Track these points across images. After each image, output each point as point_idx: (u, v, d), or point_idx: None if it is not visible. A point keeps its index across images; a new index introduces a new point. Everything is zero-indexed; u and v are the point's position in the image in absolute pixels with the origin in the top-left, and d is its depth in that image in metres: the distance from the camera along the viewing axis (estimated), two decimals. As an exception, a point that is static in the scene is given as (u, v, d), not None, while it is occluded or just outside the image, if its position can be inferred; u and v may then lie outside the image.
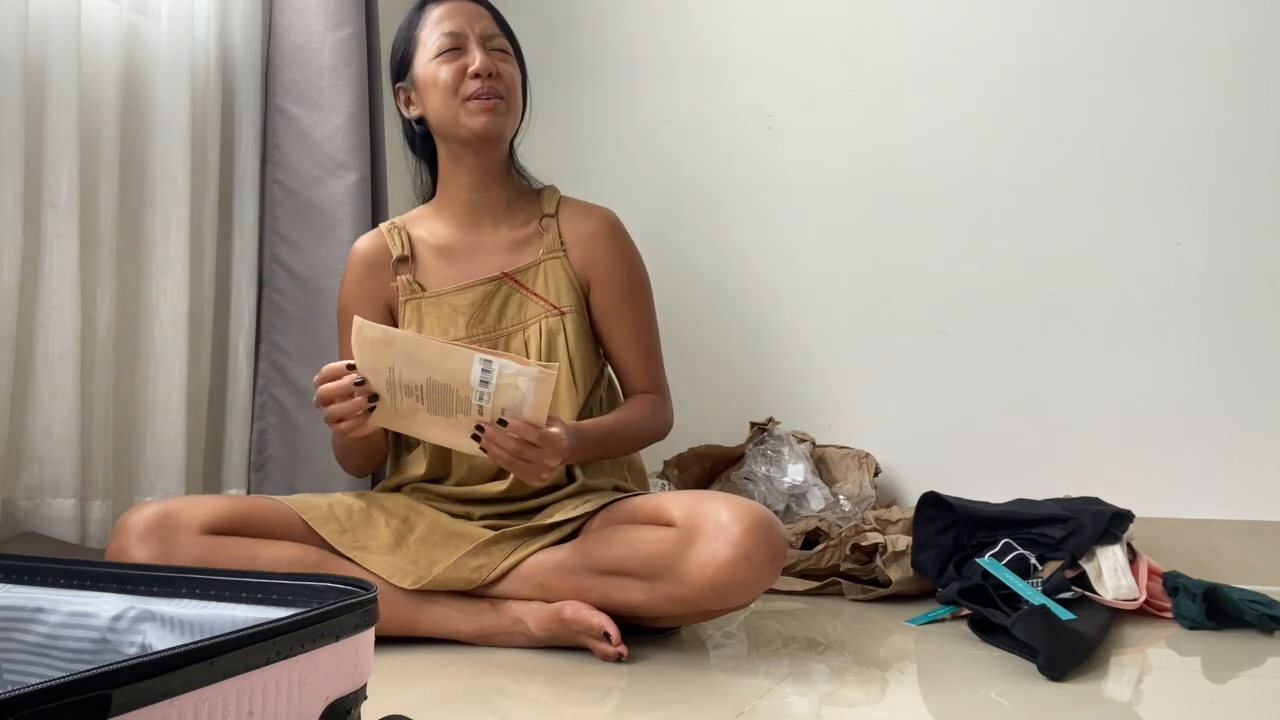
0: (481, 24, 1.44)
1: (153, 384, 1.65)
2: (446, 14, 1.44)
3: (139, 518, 1.21)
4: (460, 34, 1.42)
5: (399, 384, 1.20)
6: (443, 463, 1.42)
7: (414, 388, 1.19)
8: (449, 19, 1.43)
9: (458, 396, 1.18)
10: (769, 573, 1.19)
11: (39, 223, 1.48)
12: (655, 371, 1.51)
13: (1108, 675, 1.19)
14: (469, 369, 1.16)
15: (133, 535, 1.19)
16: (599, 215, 1.50)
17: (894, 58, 2.11)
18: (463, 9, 1.44)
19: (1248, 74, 1.86)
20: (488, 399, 1.18)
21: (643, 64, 2.33)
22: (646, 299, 1.51)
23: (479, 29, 1.43)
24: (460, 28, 1.42)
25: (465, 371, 1.16)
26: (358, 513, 1.34)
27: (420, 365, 1.17)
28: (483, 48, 1.42)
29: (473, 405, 1.18)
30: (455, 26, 1.42)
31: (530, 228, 1.48)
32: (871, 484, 1.96)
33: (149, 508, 1.22)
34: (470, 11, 1.44)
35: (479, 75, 1.39)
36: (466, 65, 1.40)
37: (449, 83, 1.40)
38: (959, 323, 2.04)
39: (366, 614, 0.60)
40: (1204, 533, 1.82)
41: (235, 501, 1.27)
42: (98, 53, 1.58)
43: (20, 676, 0.71)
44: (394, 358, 1.18)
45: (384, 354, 1.18)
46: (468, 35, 1.42)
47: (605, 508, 1.32)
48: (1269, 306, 1.83)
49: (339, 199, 1.85)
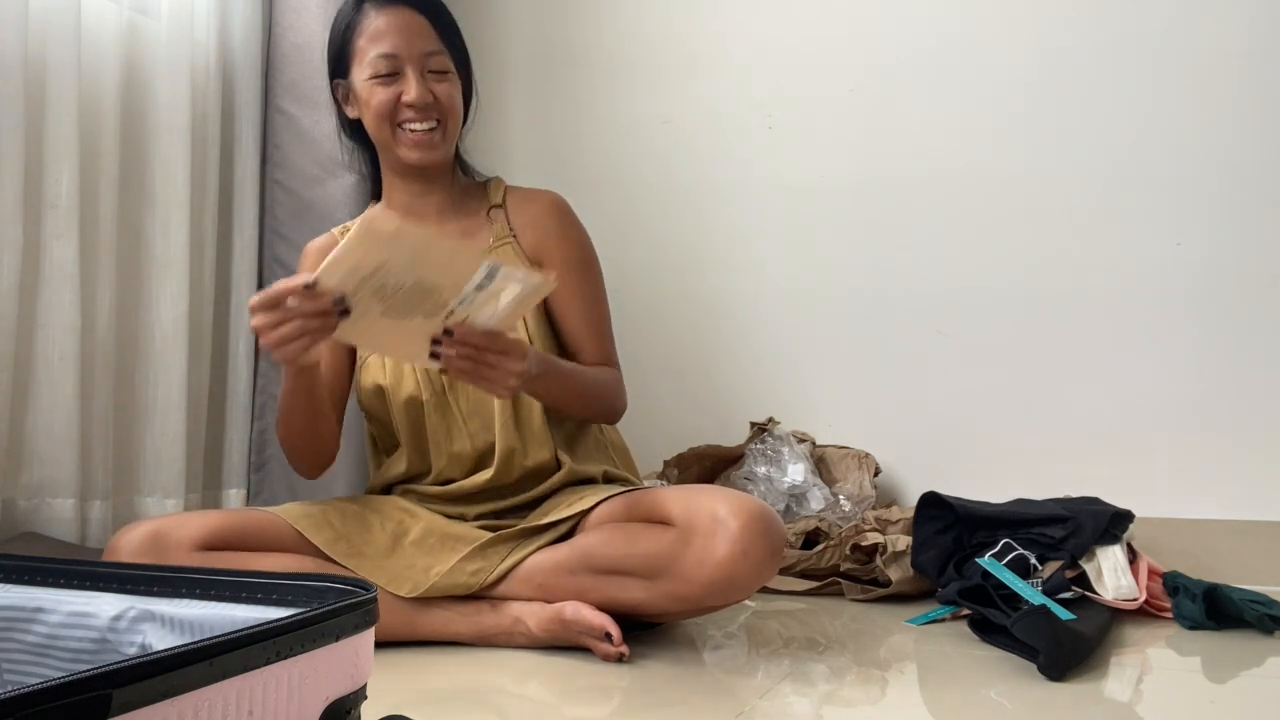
0: (421, 41, 1.39)
1: (153, 384, 1.65)
2: (384, 29, 1.38)
3: (131, 537, 1.20)
4: (396, 56, 1.38)
5: (373, 284, 1.11)
6: (422, 457, 1.42)
7: (391, 289, 1.12)
8: (386, 37, 1.38)
9: (435, 300, 1.13)
10: (769, 567, 1.19)
11: (39, 223, 1.48)
12: (607, 348, 1.48)
13: (1108, 675, 1.19)
14: (473, 271, 1.12)
15: (125, 554, 1.19)
16: (544, 198, 1.50)
17: (894, 58, 2.11)
18: (401, 23, 1.39)
19: (1248, 74, 1.86)
20: (469, 303, 1.14)
21: (642, 64, 2.32)
22: (596, 276, 1.49)
23: (417, 48, 1.39)
24: (396, 48, 1.38)
25: (466, 274, 1.12)
26: (351, 517, 1.34)
27: (419, 263, 1.10)
28: (419, 72, 1.38)
29: (446, 309, 1.13)
30: (391, 47, 1.38)
31: (478, 218, 1.48)
32: (871, 484, 1.96)
33: (141, 526, 1.22)
34: (410, 26, 1.39)
35: (413, 106, 1.37)
36: (401, 93, 1.38)
37: (382, 109, 1.38)
38: (958, 323, 2.04)
39: (366, 614, 0.60)
40: (1204, 533, 1.82)
41: (227, 516, 1.27)
42: (98, 53, 1.58)
43: (20, 676, 0.71)
44: (392, 253, 1.10)
45: (380, 250, 1.10)
46: (403, 58, 1.38)
47: (601, 504, 1.32)
48: (1269, 306, 1.83)
49: (339, 199, 1.85)
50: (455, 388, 1.39)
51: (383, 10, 1.40)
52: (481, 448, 1.40)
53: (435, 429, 1.40)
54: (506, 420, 1.38)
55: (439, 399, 1.40)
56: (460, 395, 1.39)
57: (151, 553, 1.19)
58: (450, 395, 1.40)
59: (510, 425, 1.38)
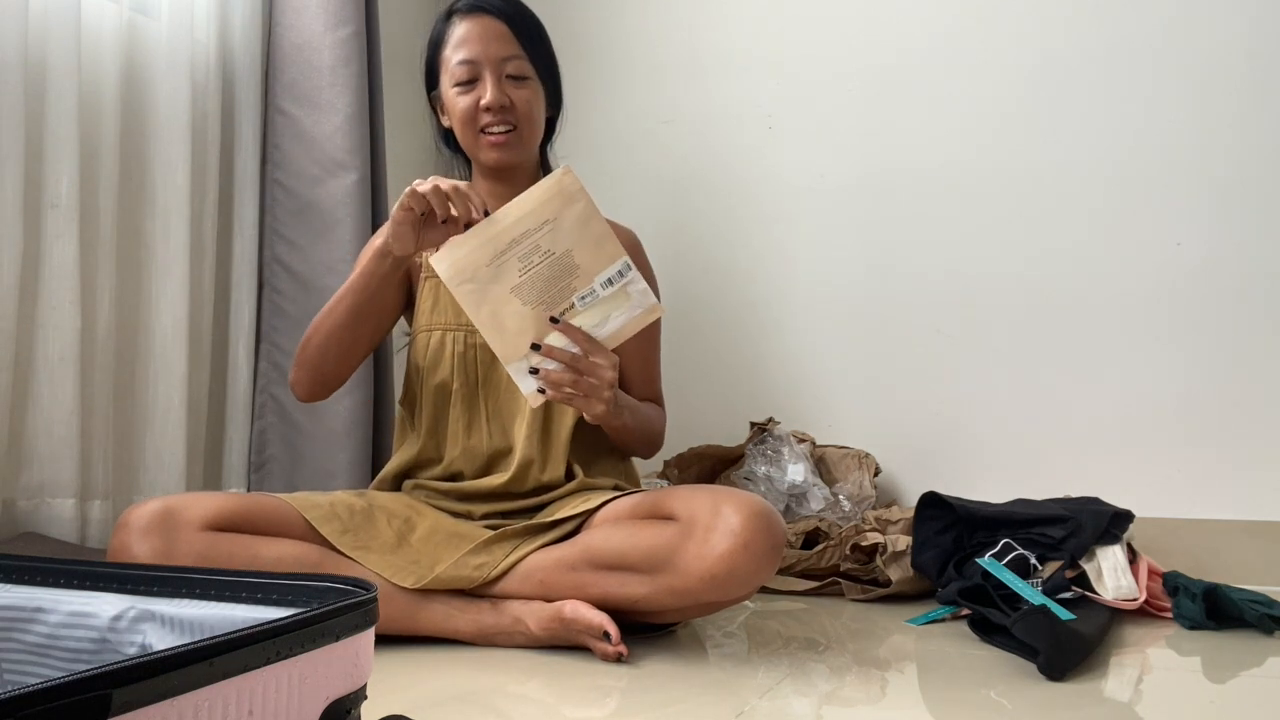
0: (498, 45, 1.43)
1: (153, 384, 1.65)
2: (465, 37, 1.43)
3: (141, 513, 1.21)
4: (475, 62, 1.42)
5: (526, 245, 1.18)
6: (436, 444, 1.44)
7: (540, 256, 1.18)
8: (466, 45, 1.43)
9: (566, 285, 1.20)
10: (769, 563, 1.19)
11: (39, 223, 1.48)
12: (657, 387, 1.54)
13: (1108, 675, 1.19)
14: (610, 264, 1.18)
15: (135, 531, 1.19)
16: (621, 233, 1.52)
17: (894, 58, 2.11)
18: (481, 30, 1.43)
19: (1249, 74, 1.86)
20: (590, 302, 1.20)
21: (643, 64, 2.33)
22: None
23: (495, 53, 1.42)
24: (475, 54, 1.42)
25: (604, 264, 1.18)
26: (359, 513, 1.34)
27: (578, 232, 1.17)
28: (496, 76, 1.42)
29: (570, 299, 1.20)
30: (470, 53, 1.42)
31: None
32: (871, 484, 1.96)
33: (151, 504, 1.22)
34: (489, 32, 1.43)
35: (490, 110, 1.41)
36: (479, 98, 1.42)
37: (464, 115, 1.44)
38: (959, 323, 2.04)
39: (366, 614, 0.60)
40: (1204, 533, 1.82)
41: (238, 498, 1.28)
42: (98, 53, 1.58)
43: (20, 676, 0.71)
44: (562, 213, 1.17)
45: (555, 206, 1.17)
46: (482, 63, 1.42)
47: (604, 505, 1.33)
48: (1269, 306, 1.83)
49: (339, 199, 1.85)
50: (487, 384, 1.43)
51: (465, 18, 1.45)
52: (496, 449, 1.42)
53: (456, 420, 1.43)
54: (532, 432, 1.40)
55: (469, 391, 1.43)
56: (490, 393, 1.43)
57: (161, 529, 1.19)
58: (481, 390, 1.43)
59: (535, 437, 1.40)
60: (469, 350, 1.44)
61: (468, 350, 1.44)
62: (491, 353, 1.40)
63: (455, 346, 1.44)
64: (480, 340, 1.43)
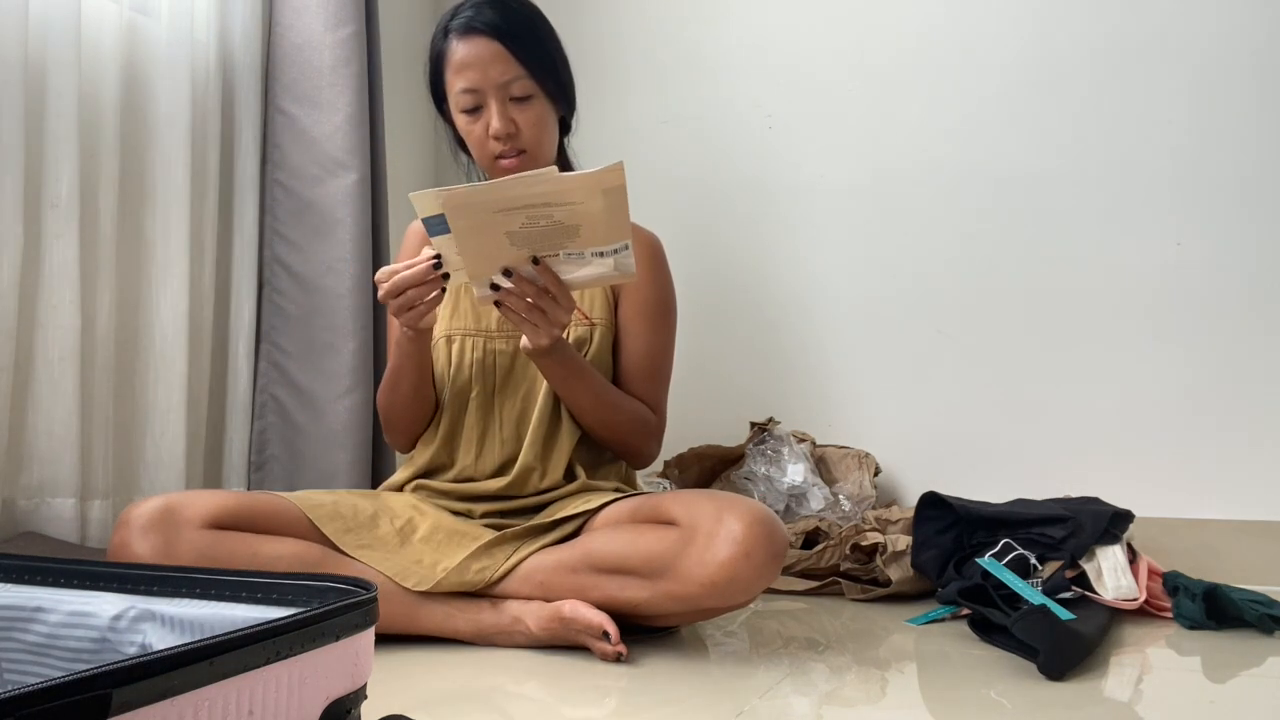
0: (497, 70, 1.39)
1: (153, 384, 1.65)
2: (464, 62, 1.40)
3: (142, 511, 1.21)
4: (477, 90, 1.40)
5: (540, 211, 1.17)
6: (450, 450, 1.45)
7: (548, 221, 1.19)
8: (466, 71, 1.39)
9: (558, 243, 1.21)
10: (770, 570, 1.19)
11: (39, 223, 1.48)
12: (657, 394, 1.49)
13: (1108, 675, 1.19)
14: (618, 240, 1.20)
15: (135, 528, 1.19)
16: (642, 235, 1.52)
17: (894, 58, 2.11)
18: (478, 54, 1.39)
19: (1248, 73, 1.86)
20: (575, 260, 1.22)
21: (643, 64, 2.33)
22: (668, 326, 1.51)
23: (495, 78, 1.39)
24: (476, 83, 1.39)
25: (605, 241, 1.20)
26: (362, 511, 1.34)
27: (595, 217, 1.17)
28: (500, 101, 1.39)
29: (554, 253, 1.22)
30: (471, 82, 1.39)
31: None
32: (871, 484, 1.96)
33: (152, 501, 1.22)
34: (487, 55, 1.39)
35: (497, 139, 1.41)
36: (487, 124, 1.41)
37: (475, 142, 1.44)
38: (959, 323, 2.04)
39: (366, 614, 0.60)
40: (1204, 533, 1.82)
41: (239, 496, 1.27)
42: (98, 53, 1.58)
43: (20, 676, 0.71)
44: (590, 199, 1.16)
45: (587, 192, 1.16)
46: (485, 90, 1.39)
47: (606, 506, 1.33)
48: (1269, 306, 1.83)
49: (339, 199, 1.85)
50: (503, 391, 1.44)
51: (462, 39, 1.41)
52: (508, 456, 1.42)
53: (472, 426, 1.43)
54: (536, 440, 1.40)
55: (486, 399, 1.44)
56: (506, 401, 1.43)
57: (161, 527, 1.19)
58: (497, 398, 1.44)
59: (537, 445, 1.40)
60: (488, 356, 1.44)
61: (486, 356, 1.44)
62: (509, 358, 1.44)
63: (474, 353, 1.44)
64: (498, 346, 1.44)
